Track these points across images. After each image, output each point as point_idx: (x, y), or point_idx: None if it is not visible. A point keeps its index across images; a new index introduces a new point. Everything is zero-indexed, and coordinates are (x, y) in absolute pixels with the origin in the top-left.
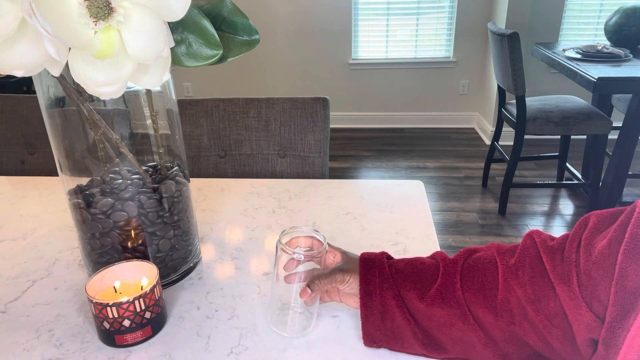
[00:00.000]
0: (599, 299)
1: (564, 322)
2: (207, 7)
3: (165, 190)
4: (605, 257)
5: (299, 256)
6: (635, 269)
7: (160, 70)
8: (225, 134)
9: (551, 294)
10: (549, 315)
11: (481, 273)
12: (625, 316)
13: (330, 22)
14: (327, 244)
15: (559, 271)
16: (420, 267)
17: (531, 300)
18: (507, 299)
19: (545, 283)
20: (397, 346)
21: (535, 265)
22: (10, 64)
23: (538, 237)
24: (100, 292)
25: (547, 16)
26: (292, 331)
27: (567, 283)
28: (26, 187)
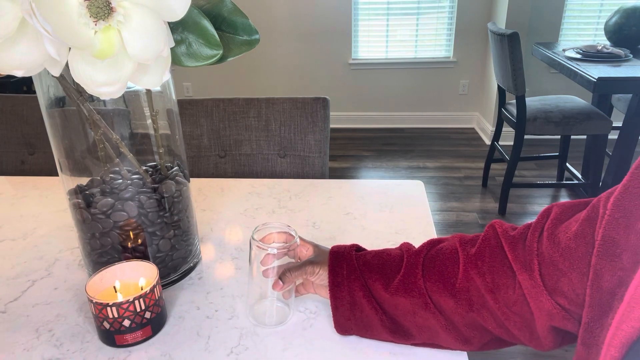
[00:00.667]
0: (561, 290)
1: (524, 309)
2: (207, 7)
3: (165, 190)
4: (572, 250)
5: (272, 250)
6: (610, 270)
7: (160, 70)
8: (225, 134)
9: (511, 282)
10: (508, 303)
11: (442, 263)
12: (603, 315)
13: (330, 22)
14: (298, 238)
15: (521, 259)
16: (385, 259)
17: (490, 289)
18: (467, 287)
19: (505, 272)
20: (367, 334)
21: (496, 255)
22: (10, 64)
23: (500, 227)
24: (100, 292)
25: (547, 16)
26: (270, 322)
27: (529, 271)
28: (26, 187)
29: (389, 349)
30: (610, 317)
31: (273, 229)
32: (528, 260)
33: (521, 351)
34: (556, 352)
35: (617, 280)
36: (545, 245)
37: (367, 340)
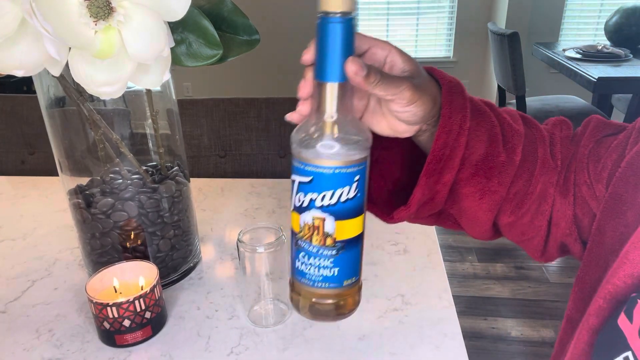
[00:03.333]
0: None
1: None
2: (207, 7)
3: (165, 190)
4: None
5: (260, 250)
6: (613, 226)
7: (160, 70)
8: (225, 134)
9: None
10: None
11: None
12: (599, 271)
13: None
14: (283, 235)
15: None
16: (494, 135)
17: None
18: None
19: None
20: (425, 211)
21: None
22: (10, 64)
23: (595, 124)
24: (101, 292)
25: (547, 16)
26: (267, 323)
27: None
28: (26, 187)
29: (389, 349)
30: (605, 274)
31: (259, 227)
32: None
33: (521, 351)
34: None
35: (619, 236)
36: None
37: (367, 340)
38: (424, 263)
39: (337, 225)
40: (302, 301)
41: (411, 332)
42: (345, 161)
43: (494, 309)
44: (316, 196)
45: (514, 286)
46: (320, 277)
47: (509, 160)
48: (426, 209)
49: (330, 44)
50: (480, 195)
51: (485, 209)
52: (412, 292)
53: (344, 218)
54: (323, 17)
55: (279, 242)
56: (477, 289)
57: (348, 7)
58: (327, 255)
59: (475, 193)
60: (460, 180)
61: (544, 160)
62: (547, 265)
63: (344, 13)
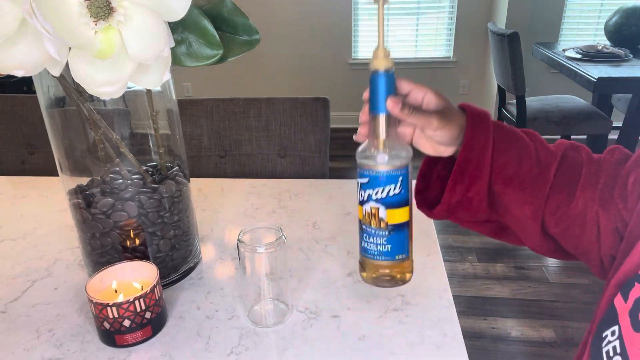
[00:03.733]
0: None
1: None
2: (207, 7)
3: (165, 190)
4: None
5: (261, 250)
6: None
7: (160, 70)
8: (225, 134)
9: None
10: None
11: (570, 179)
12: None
13: (330, 22)
14: (283, 235)
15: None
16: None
17: (595, 212)
18: (577, 213)
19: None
20: (466, 215)
21: (607, 189)
22: (10, 64)
23: (619, 154)
24: (101, 292)
25: (547, 16)
26: (267, 323)
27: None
28: (26, 187)
29: (389, 349)
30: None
31: (259, 227)
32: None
33: (521, 351)
34: (557, 352)
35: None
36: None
37: (367, 340)
38: (424, 263)
39: (388, 213)
40: (367, 273)
41: (411, 332)
42: (391, 167)
43: (494, 309)
44: (372, 192)
45: (514, 286)
46: (377, 252)
47: (542, 175)
48: (466, 212)
49: (379, 88)
50: (520, 204)
51: (529, 216)
52: (412, 292)
53: (392, 207)
54: (374, 71)
55: (279, 242)
56: (477, 289)
57: (389, 66)
58: (382, 234)
59: (515, 202)
60: (497, 191)
61: (586, 179)
62: (547, 265)
63: (386, 69)
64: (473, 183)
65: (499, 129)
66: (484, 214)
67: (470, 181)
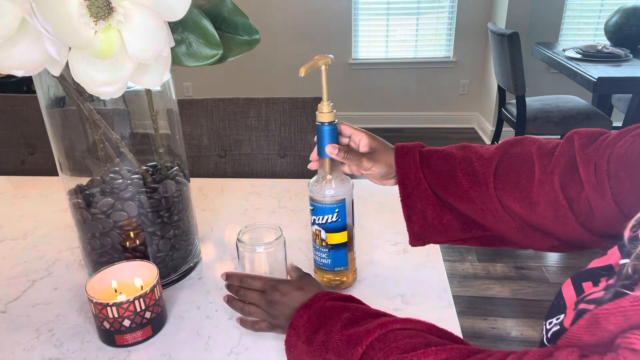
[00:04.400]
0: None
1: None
2: (207, 7)
3: (165, 190)
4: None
5: (260, 250)
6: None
7: (160, 70)
8: (225, 134)
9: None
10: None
11: (516, 174)
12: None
13: (330, 22)
14: (282, 234)
15: (592, 180)
16: (452, 165)
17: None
18: (543, 200)
19: (576, 188)
20: (440, 238)
21: (569, 171)
22: (10, 64)
23: (578, 140)
24: (101, 292)
25: (547, 16)
26: None
27: (600, 192)
28: (26, 187)
29: None
30: None
31: (259, 227)
32: (599, 181)
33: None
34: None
35: None
36: (614, 164)
37: None
38: (424, 263)
39: (328, 235)
40: (316, 277)
41: None
42: (330, 200)
43: (494, 309)
44: (316, 217)
45: (514, 286)
46: (322, 263)
47: (484, 181)
48: (440, 235)
49: (323, 137)
50: (482, 212)
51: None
52: (412, 292)
53: (331, 232)
54: (319, 124)
55: (278, 242)
56: (477, 289)
57: (331, 119)
58: (324, 251)
59: (475, 211)
60: (454, 205)
61: (541, 168)
62: (547, 265)
63: (329, 122)
64: (419, 204)
65: (426, 154)
66: (455, 232)
67: (420, 207)
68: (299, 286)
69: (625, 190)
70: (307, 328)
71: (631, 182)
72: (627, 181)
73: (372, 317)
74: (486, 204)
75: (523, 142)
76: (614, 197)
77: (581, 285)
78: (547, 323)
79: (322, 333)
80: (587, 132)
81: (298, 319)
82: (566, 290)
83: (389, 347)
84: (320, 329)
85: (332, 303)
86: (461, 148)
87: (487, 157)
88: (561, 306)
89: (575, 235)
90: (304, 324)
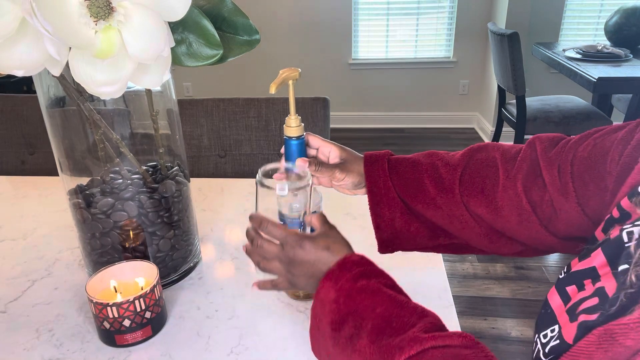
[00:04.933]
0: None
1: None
2: (207, 7)
3: (165, 190)
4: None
5: (282, 192)
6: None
7: (160, 70)
8: (225, 134)
9: (546, 199)
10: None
11: (481, 180)
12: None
13: (330, 22)
14: (310, 177)
15: (557, 184)
16: (419, 173)
17: (529, 207)
18: (507, 204)
19: (540, 191)
20: (408, 246)
21: (532, 175)
22: (10, 64)
23: (540, 144)
24: (101, 292)
25: (547, 16)
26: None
27: (564, 194)
28: (26, 187)
29: None
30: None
31: (280, 168)
32: (563, 183)
33: (521, 351)
34: None
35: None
36: (578, 167)
37: None
38: (424, 263)
39: None
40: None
41: None
42: (297, 215)
43: (494, 309)
44: None
45: (514, 286)
46: None
47: (450, 187)
48: (408, 243)
49: (291, 152)
50: (443, 212)
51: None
52: (412, 292)
53: None
54: (286, 138)
55: (304, 184)
56: (477, 289)
57: (299, 134)
58: None
59: (438, 213)
60: (421, 212)
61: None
62: (547, 265)
63: (297, 137)
64: (387, 211)
65: (395, 162)
66: (423, 240)
67: (389, 215)
68: (326, 245)
69: (590, 192)
70: (334, 309)
71: (595, 184)
72: (591, 183)
73: (408, 316)
74: (452, 211)
75: (487, 148)
76: (577, 199)
77: (565, 290)
78: (540, 336)
79: (350, 325)
80: (548, 136)
81: (325, 292)
82: (552, 299)
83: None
84: (349, 318)
85: (363, 283)
86: (428, 155)
87: (453, 164)
88: (549, 315)
89: (539, 238)
90: (330, 302)
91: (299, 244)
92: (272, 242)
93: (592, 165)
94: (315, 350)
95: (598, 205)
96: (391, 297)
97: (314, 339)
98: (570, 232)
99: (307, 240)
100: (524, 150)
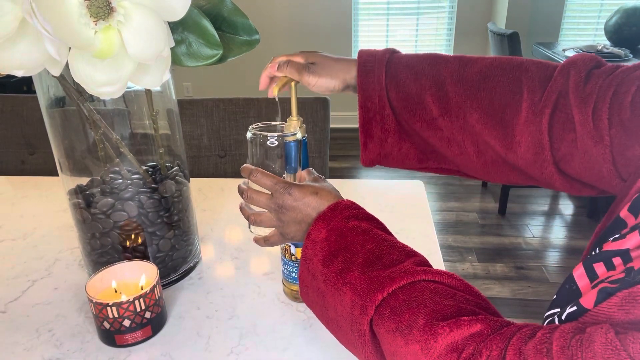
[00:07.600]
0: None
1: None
2: (207, 7)
3: (165, 190)
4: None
5: (272, 142)
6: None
7: (160, 70)
8: (225, 134)
9: (572, 137)
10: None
11: (500, 102)
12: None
13: (330, 22)
14: (301, 132)
15: (589, 127)
16: (423, 86)
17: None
18: (524, 140)
19: (565, 129)
20: (394, 165)
21: (563, 111)
22: (10, 64)
23: (575, 75)
24: (101, 292)
25: (547, 16)
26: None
27: (596, 140)
28: (26, 187)
29: None
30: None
31: (271, 124)
32: (598, 126)
33: None
34: None
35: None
36: (618, 110)
37: None
38: None
39: (297, 250)
40: (285, 288)
41: None
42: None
43: None
44: None
45: (514, 286)
46: (290, 276)
47: (457, 110)
48: (395, 162)
49: (292, 153)
50: (443, 134)
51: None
52: None
53: (300, 247)
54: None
55: (295, 135)
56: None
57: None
58: (292, 265)
59: (437, 135)
60: (418, 133)
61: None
62: (547, 265)
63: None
64: (385, 136)
65: (395, 68)
66: (411, 162)
67: (380, 134)
68: (314, 190)
69: (631, 141)
70: (325, 247)
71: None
72: (635, 132)
73: (398, 254)
74: (454, 135)
75: (511, 65)
76: (612, 147)
77: (592, 267)
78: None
79: (340, 260)
80: (585, 62)
81: (316, 232)
82: (578, 275)
83: (415, 304)
84: (339, 253)
85: (354, 224)
86: (434, 64)
87: (466, 82)
88: (574, 291)
89: (544, 172)
90: (321, 240)
91: (288, 190)
92: (261, 192)
93: (638, 111)
94: (304, 295)
95: (636, 157)
96: (382, 237)
97: (303, 283)
98: (582, 176)
99: (295, 187)
100: (555, 78)
